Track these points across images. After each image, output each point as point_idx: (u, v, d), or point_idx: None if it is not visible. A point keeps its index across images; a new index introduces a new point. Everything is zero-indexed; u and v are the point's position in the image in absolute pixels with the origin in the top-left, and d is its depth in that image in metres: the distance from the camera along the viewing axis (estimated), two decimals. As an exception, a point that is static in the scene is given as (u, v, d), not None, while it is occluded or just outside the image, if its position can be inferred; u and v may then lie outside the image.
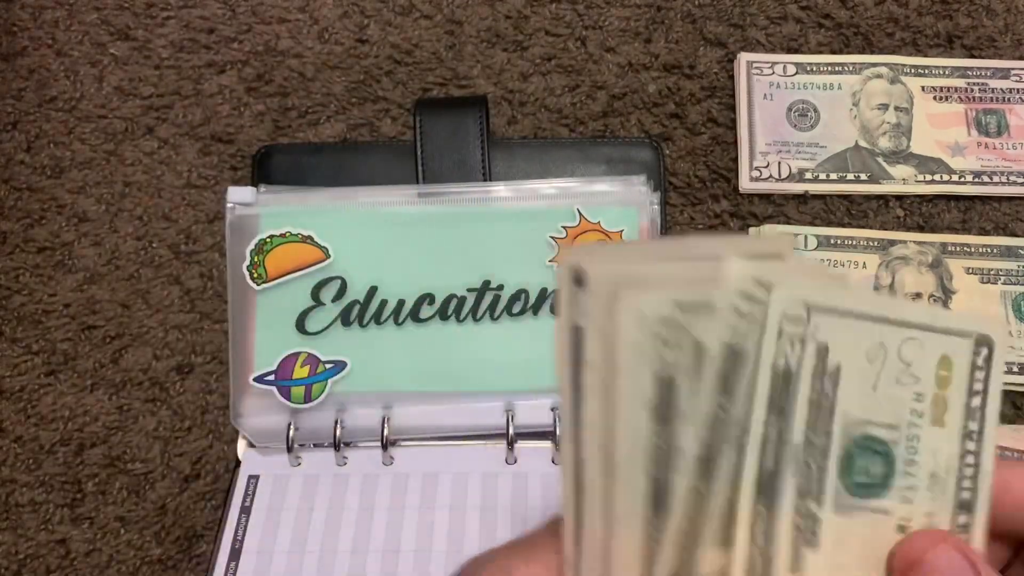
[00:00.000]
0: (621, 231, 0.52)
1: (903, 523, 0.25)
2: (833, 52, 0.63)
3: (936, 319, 0.24)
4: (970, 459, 0.25)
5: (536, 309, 0.52)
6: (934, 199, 0.59)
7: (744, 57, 0.62)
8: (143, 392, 0.54)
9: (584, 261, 0.23)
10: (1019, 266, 0.56)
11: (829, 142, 0.59)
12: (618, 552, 0.23)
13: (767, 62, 0.62)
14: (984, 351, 0.25)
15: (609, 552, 0.23)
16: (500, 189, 0.53)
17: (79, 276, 0.57)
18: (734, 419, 0.23)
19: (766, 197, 0.59)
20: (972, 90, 0.61)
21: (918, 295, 0.55)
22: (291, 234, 0.51)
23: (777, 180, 0.58)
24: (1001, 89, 0.61)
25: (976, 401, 0.25)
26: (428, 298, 0.51)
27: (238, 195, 0.52)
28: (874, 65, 0.61)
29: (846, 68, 0.61)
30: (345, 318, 0.51)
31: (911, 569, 0.24)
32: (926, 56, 0.62)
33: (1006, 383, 0.34)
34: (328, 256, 0.52)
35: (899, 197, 0.59)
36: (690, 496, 0.23)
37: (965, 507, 0.25)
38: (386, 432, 0.50)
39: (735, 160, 0.60)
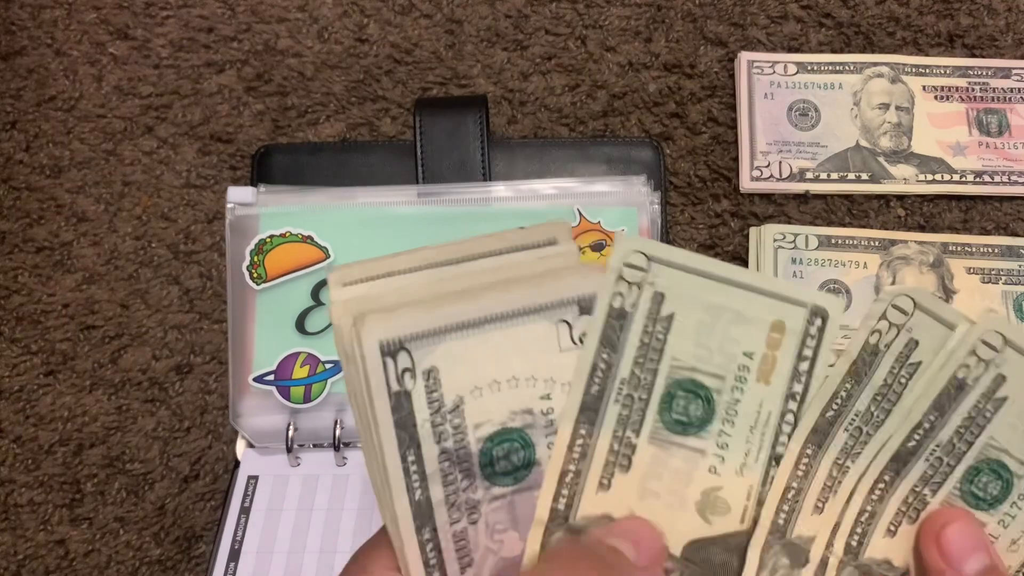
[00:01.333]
0: (621, 231, 0.52)
1: (715, 466, 0.27)
2: (834, 51, 0.63)
3: (774, 286, 0.26)
4: (789, 418, 0.27)
5: (536, 309, 0.51)
6: (935, 199, 0.59)
7: (745, 56, 0.62)
8: (142, 392, 0.54)
9: (331, 284, 0.26)
10: (1020, 266, 0.56)
11: (830, 141, 0.59)
12: (404, 557, 0.26)
13: (768, 61, 0.61)
14: (818, 321, 0.26)
15: (403, 555, 0.26)
16: (500, 189, 0.53)
17: (78, 276, 0.57)
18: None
19: (767, 197, 0.59)
20: (973, 89, 0.61)
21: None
22: (291, 234, 0.51)
23: (778, 180, 0.58)
24: (1002, 88, 0.61)
25: (804, 366, 0.27)
26: (428, 298, 0.51)
27: (238, 195, 0.52)
28: (875, 64, 0.61)
29: (847, 67, 0.61)
30: (345, 318, 0.51)
31: (938, 533, 0.27)
32: (927, 55, 0.62)
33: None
34: (328, 256, 0.51)
35: (900, 197, 0.58)
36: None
37: (778, 461, 0.27)
38: (386, 432, 0.50)
39: (736, 160, 0.60)
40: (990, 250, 0.56)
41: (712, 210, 0.58)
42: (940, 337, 0.26)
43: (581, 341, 0.27)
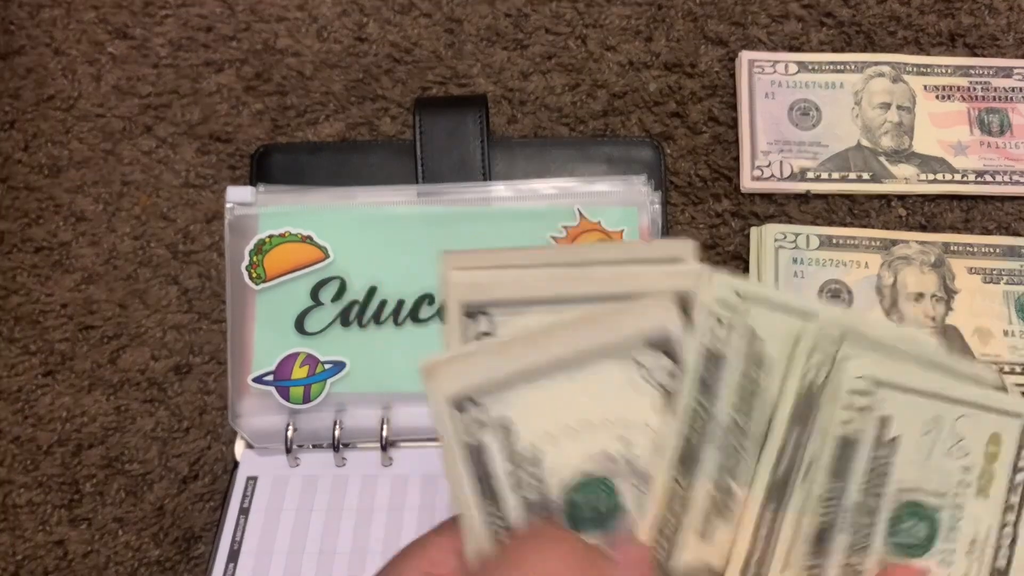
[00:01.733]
0: (622, 231, 0.52)
1: None
2: (835, 51, 0.62)
3: (990, 399, 0.26)
4: (1008, 530, 0.27)
5: (536, 309, 0.51)
6: (936, 198, 0.58)
7: (745, 56, 0.61)
8: (141, 393, 0.54)
9: (445, 268, 0.26)
10: (1022, 266, 0.55)
11: (831, 141, 0.59)
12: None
13: (769, 61, 0.61)
14: None
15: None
16: (500, 189, 0.53)
17: (77, 276, 0.57)
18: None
19: (768, 196, 0.59)
20: (974, 89, 0.61)
21: (920, 295, 0.55)
22: (290, 234, 0.51)
23: (779, 179, 0.58)
24: (1004, 88, 0.61)
25: (1020, 477, 0.27)
26: (428, 298, 0.51)
27: (237, 195, 0.52)
28: (876, 64, 0.61)
29: (848, 67, 0.61)
30: (344, 318, 0.51)
31: None
32: (928, 55, 0.62)
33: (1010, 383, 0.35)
34: (327, 256, 0.51)
35: (901, 196, 0.58)
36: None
37: (1000, 574, 0.27)
38: (385, 433, 0.50)
39: (736, 159, 0.59)
40: (992, 250, 0.56)
41: (713, 210, 0.58)
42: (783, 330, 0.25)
43: (661, 384, 0.26)
